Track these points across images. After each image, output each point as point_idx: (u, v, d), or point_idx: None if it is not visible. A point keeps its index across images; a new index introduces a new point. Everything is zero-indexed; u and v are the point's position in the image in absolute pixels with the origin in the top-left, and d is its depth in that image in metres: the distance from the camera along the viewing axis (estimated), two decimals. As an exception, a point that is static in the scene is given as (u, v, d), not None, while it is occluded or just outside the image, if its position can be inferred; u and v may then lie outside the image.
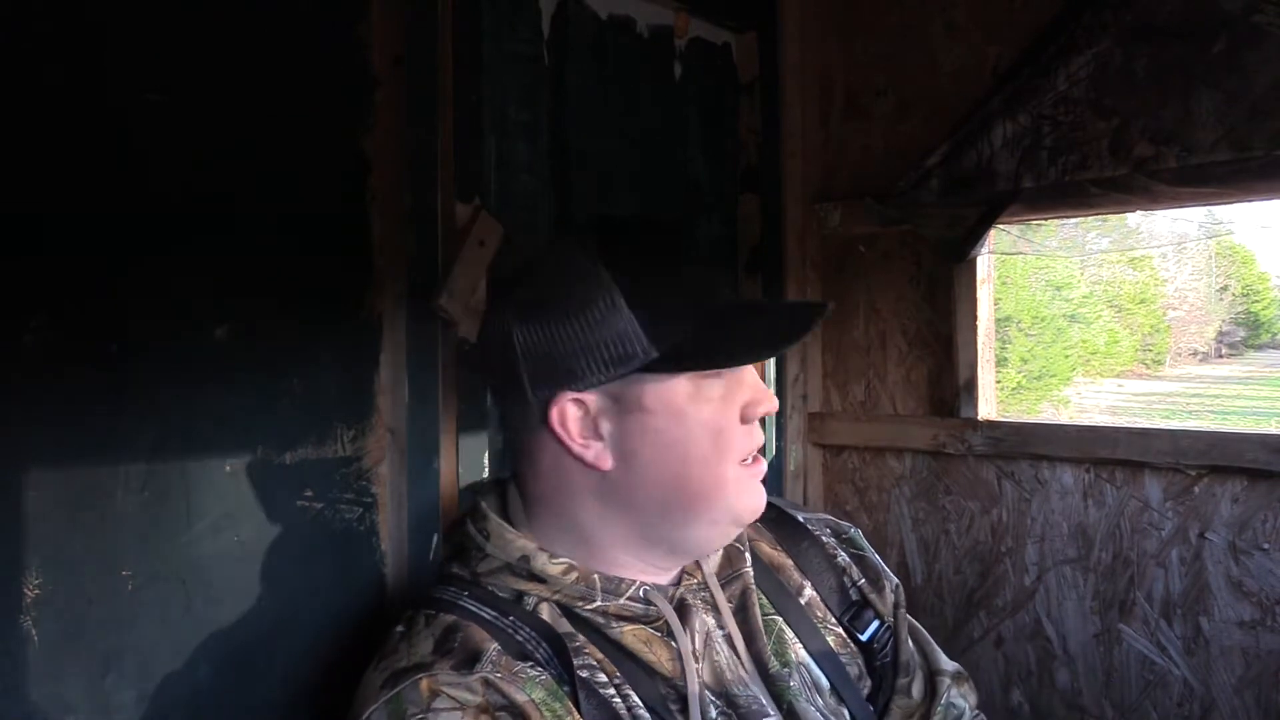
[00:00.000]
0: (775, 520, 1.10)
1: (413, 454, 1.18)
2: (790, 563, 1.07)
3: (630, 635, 0.90)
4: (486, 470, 1.28)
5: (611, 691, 0.87)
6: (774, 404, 0.95)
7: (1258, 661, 1.42)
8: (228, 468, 1.02)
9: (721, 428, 0.91)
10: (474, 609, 0.89)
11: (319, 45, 1.11)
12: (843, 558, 1.09)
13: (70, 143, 0.91)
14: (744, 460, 0.93)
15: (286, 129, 1.08)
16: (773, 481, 1.81)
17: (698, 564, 0.98)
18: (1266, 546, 1.41)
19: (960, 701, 1.06)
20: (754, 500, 0.94)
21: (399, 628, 0.91)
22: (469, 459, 1.25)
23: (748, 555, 1.02)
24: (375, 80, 1.16)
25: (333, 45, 1.12)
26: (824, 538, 1.10)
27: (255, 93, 1.05)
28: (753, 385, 0.93)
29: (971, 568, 1.69)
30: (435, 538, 1.20)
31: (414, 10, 1.18)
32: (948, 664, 1.08)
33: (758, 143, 1.79)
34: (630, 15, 1.56)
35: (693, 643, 0.92)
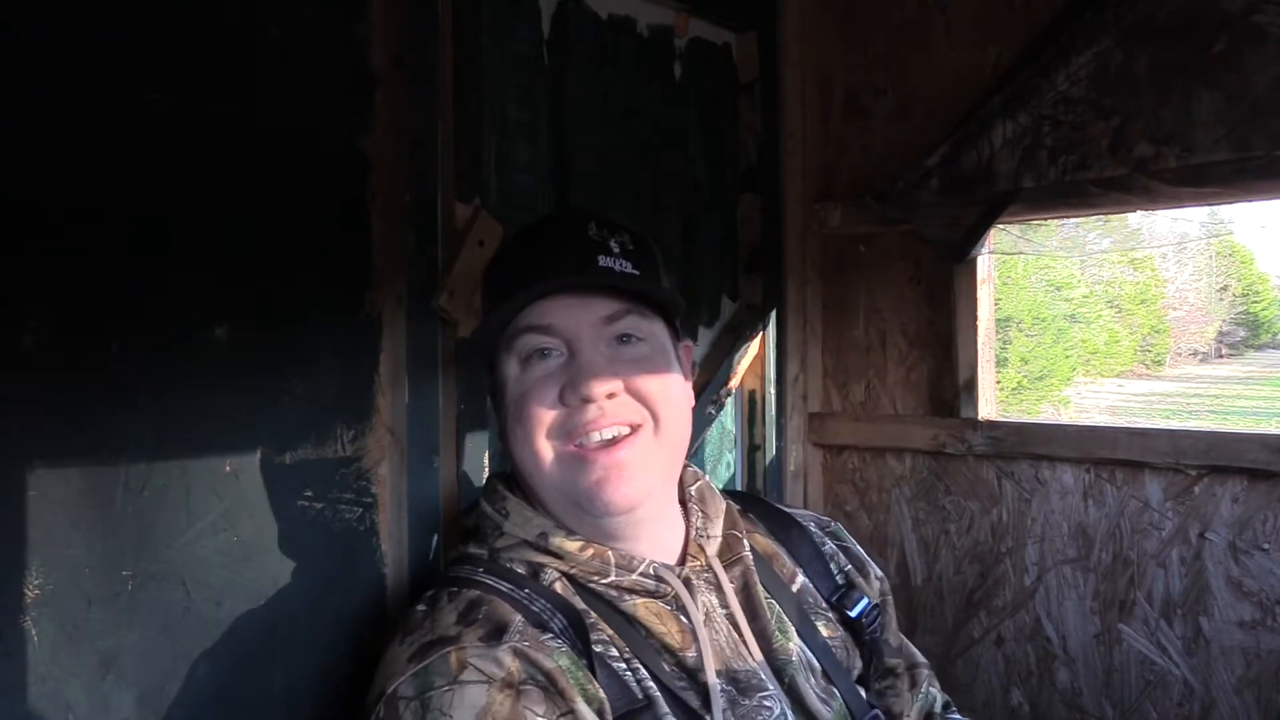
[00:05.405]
0: (765, 513, 1.15)
1: (413, 454, 1.18)
2: (781, 551, 1.10)
3: (643, 608, 0.94)
4: (486, 469, 1.28)
5: (623, 665, 0.90)
6: (587, 388, 0.92)
7: (1258, 661, 1.41)
8: (228, 468, 1.02)
9: (526, 405, 0.94)
10: (492, 583, 0.92)
11: (319, 45, 1.11)
12: (830, 546, 1.14)
13: (70, 142, 0.91)
14: (573, 442, 0.93)
15: (286, 129, 1.08)
16: (773, 481, 1.81)
17: (700, 547, 1.02)
18: (1266, 546, 1.41)
19: (935, 692, 1.16)
20: (586, 482, 0.92)
21: (421, 606, 0.93)
22: (469, 459, 1.25)
23: (746, 542, 1.06)
24: (375, 80, 1.16)
25: (333, 45, 1.12)
26: (810, 527, 1.16)
27: (255, 93, 1.05)
28: (579, 367, 0.93)
29: (971, 568, 1.69)
30: (435, 538, 1.19)
31: (414, 10, 1.18)
32: (921, 657, 1.17)
33: (758, 143, 1.79)
34: (630, 15, 1.56)
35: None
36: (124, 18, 0.94)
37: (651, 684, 0.89)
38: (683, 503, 1.06)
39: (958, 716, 1.16)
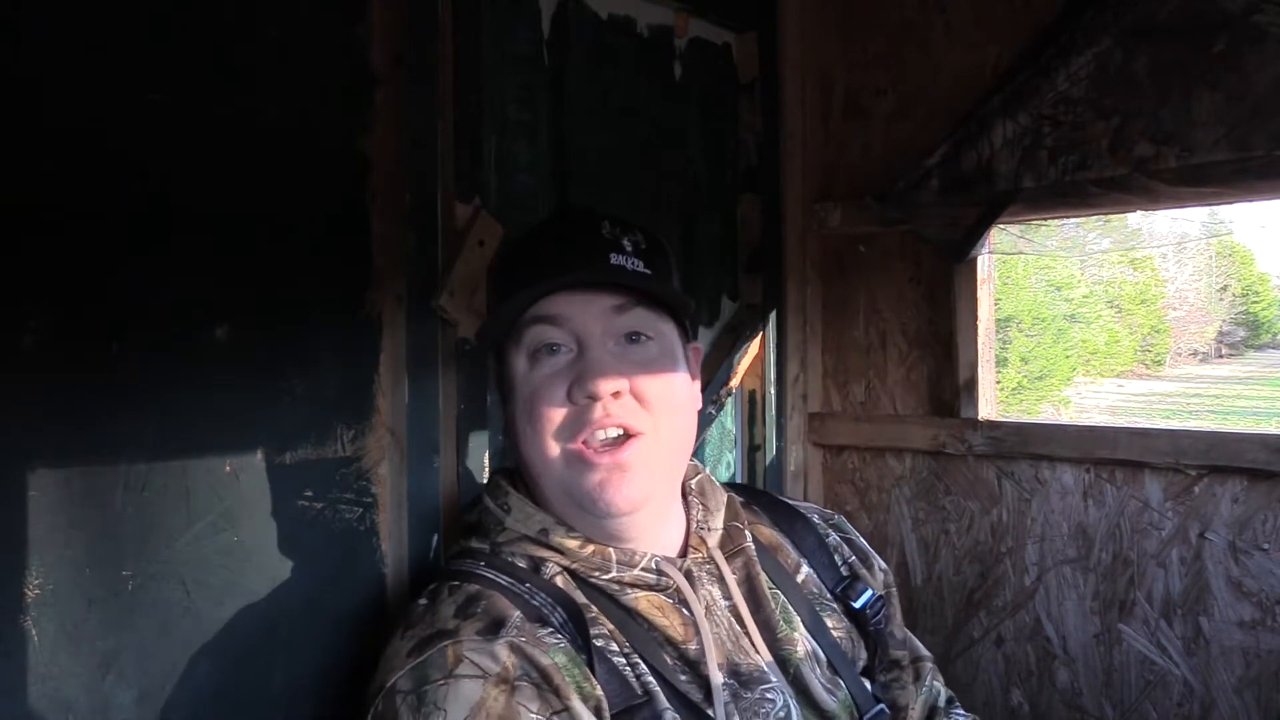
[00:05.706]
0: (768, 505, 1.16)
1: (413, 454, 1.18)
2: (785, 543, 1.11)
3: (644, 601, 0.94)
4: (487, 469, 1.28)
5: (622, 660, 0.90)
6: (594, 385, 0.91)
7: (1258, 661, 1.41)
8: (228, 468, 1.02)
9: (535, 404, 0.94)
10: (492, 577, 0.92)
11: (319, 45, 1.11)
12: (834, 538, 1.15)
13: (70, 142, 0.91)
14: (578, 440, 0.93)
15: (286, 129, 1.08)
16: (773, 481, 1.81)
17: (702, 539, 1.02)
18: (1266, 546, 1.41)
19: (938, 686, 1.16)
20: (589, 484, 0.92)
21: (422, 600, 0.94)
22: (469, 459, 1.25)
23: (748, 533, 1.06)
24: (375, 80, 1.16)
25: (333, 45, 1.12)
26: (814, 519, 1.16)
27: (256, 92, 1.05)
28: (586, 364, 0.93)
29: (971, 568, 1.69)
30: (435, 538, 1.19)
31: (414, 10, 1.18)
32: (924, 651, 1.17)
33: (758, 143, 1.79)
34: (630, 15, 1.56)
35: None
36: (124, 18, 0.94)
37: (651, 679, 0.89)
38: (683, 496, 1.06)
39: (961, 712, 1.16)
